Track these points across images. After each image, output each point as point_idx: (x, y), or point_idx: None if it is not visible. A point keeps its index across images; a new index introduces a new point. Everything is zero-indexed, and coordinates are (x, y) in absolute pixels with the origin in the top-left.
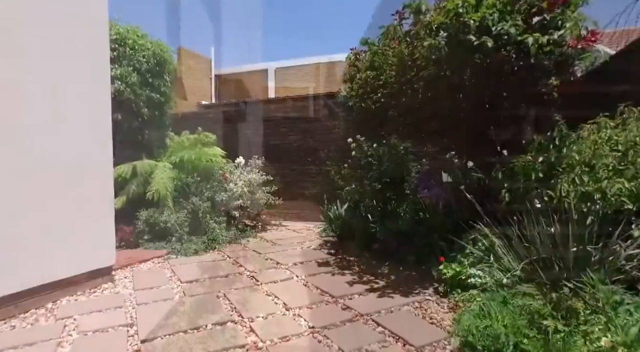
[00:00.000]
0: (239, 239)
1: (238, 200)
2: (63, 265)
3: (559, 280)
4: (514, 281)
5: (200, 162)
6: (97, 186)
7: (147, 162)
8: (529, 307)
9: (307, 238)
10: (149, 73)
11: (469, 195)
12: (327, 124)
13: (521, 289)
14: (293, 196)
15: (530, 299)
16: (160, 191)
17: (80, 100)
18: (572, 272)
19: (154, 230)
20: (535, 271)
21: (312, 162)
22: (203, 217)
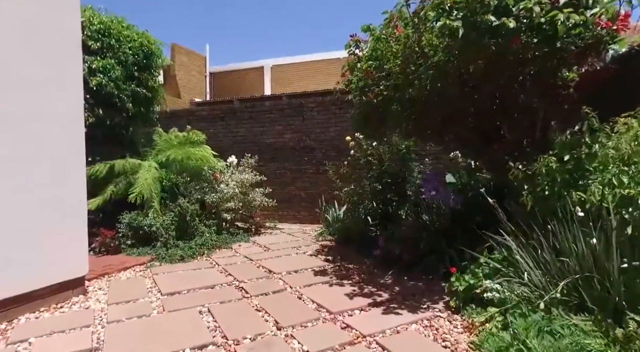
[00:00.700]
0: (230, 244)
1: (229, 202)
2: (22, 277)
3: (616, 307)
4: (549, 301)
5: (189, 162)
6: (65, 186)
7: (131, 161)
8: (584, 346)
9: (303, 243)
10: (135, 66)
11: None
12: (325, 122)
13: (557, 312)
14: (289, 196)
15: (581, 333)
16: (144, 193)
17: (44, 90)
18: (623, 296)
19: (138, 234)
20: (574, 291)
21: (308, 161)
22: (191, 220)
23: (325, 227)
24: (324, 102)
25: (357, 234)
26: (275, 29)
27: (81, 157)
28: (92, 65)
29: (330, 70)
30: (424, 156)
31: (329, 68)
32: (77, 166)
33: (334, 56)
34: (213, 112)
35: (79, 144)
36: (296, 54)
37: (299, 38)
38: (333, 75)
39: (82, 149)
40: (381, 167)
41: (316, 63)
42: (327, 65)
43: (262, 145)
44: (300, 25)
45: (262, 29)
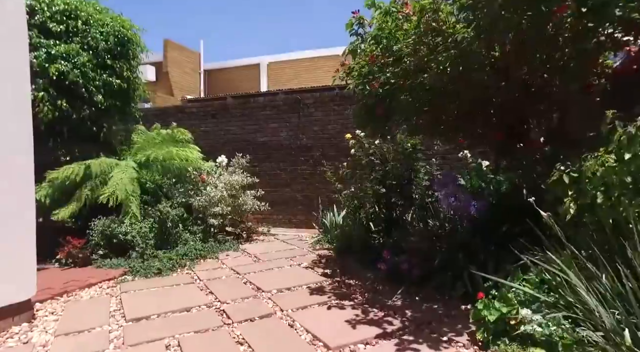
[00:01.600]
0: (217, 253)
1: (217, 206)
2: None
3: None
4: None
5: (173, 162)
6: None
7: (106, 161)
8: None
9: (298, 252)
10: (107, 54)
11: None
12: (323, 119)
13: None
14: (284, 199)
15: None
16: (118, 194)
17: None
18: None
19: (112, 243)
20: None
21: (305, 161)
22: (173, 226)
23: (323, 233)
24: (322, 98)
25: (358, 242)
26: (272, 24)
27: (25, 158)
28: (52, 51)
29: (330, 67)
30: (430, 156)
31: (327, 65)
32: (17, 168)
33: (333, 53)
34: (204, 108)
35: (21, 142)
36: (294, 51)
37: (297, 34)
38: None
39: (26, 148)
40: (385, 168)
41: (315, 60)
42: (326, 62)
43: (256, 144)
44: (297, 21)
45: (259, 25)
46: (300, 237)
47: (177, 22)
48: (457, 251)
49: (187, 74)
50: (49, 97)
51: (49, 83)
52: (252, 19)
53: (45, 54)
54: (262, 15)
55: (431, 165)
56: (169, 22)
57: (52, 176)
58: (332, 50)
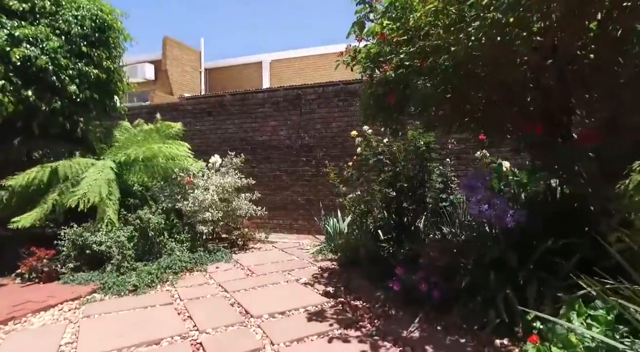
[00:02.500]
0: (206, 265)
1: (207, 211)
2: None
3: None
4: None
5: (157, 161)
6: None
7: (80, 161)
8: None
9: (298, 263)
10: (83, 40)
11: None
12: (326, 116)
13: None
14: (284, 202)
15: None
16: (90, 197)
17: None
18: None
19: (84, 254)
20: None
21: (307, 162)
22: (156, 235)
23: (326, 241)
24: (325, 94)
25: (365, 253)
26: (274, 21)
27: None
28: (15, 33)
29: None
30: (444, 156)
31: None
32: None
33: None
34: (199, 106)
35: None
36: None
37: (301, 31)
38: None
39: None
40: (395, 169)
41: (319, 57)
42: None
43: (255, 143)
44: (301, 18)
45: (261, 22)
46: (300, 245)
47: (177, 20)
48: (487, 269)
49: (187, 73)
50: (11, 86)
51: (13, 70)
52: (254, 16)
53: (6, 36)
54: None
55: (445, 166)
56: (169, 20)
57: (9, 182)
58: (337, 47)
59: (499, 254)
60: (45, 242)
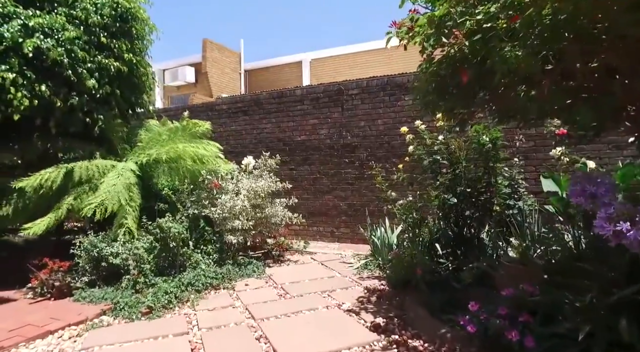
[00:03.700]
0: (235, 281)
1: (237, 219)
2: None
3: None
4: None
5: (183, 163)
6: None
7: (100, 163)
8: None
9: (339, 282)
10: (103, 31)
11: None
12: (370, 113)
13: None
14: (325, 208)
15: None
16: (107, 205)
17: None
18: None
19: (100, 267)
20: None
21: (350, 163)
22: (178, 246)
23: (371, 253)
24: (369, 88)
25: (421, 271)
26: (314, 19)
27: None
28: (29, 23)
29: (380, 61)
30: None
31: (377, 59)
32: None
33: (380, 46)
34: (235, 105)
35: None
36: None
37: (341, 29)
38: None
39: None
40: (454, 171)
41: (361, 54)
42: (375, 56)
43: (293, 143)
44: (342, 15)
45: (301, 22)
46: (342, 257)
47: (218, 21)
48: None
49: (227, 75)
50: (24, 80)
51: (25, 63)
52: (293, 16)
53: (20, 26)
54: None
55: (512, 167)
56: (209, 22)
57: (20, 184)
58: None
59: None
60: (66, 251)
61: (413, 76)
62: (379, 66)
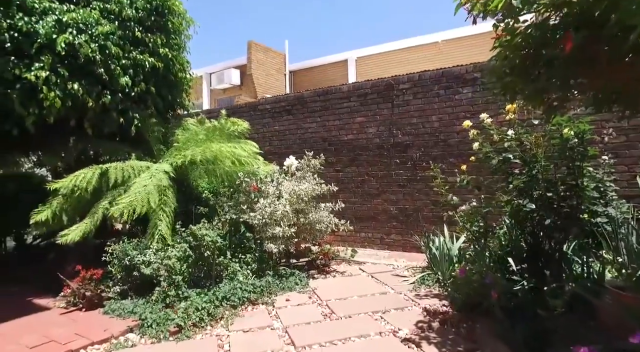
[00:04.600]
0: (274, 295)
1: (278, 225)
2: None
3: None
4: None
5: (220, 165)
6: None
7: (135, 164)
8: None
9: (393, 299)
10: (138, 25)
11: None
12: (424, 108)
13: None
14: (374, 212)
15: None
16: (137, 207)
17: None
18: None
19: (132, 276)
20: None
21: (401, 164)
22: (214, 255)
23: (429, 265)
24: (422, 81)
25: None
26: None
27: None
28: (63, 18)
29: (429, 57)
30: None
31: (426, 55)
32: None
33: (429, 40)
34: (279, 104)
35: None
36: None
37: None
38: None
39: None
40: (530, 172)
41: (410, 50)
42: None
43: (339, 143)
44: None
45: (345, 19)
46: (395, 268)
47: (262, 23)
48: None
49: (272, 76)
50: (57, 78)
51: (59, 61)
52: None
53: (54, 22)
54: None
55: (600, 167)
56: (254, 24)
57: (54, 186)
58: (428, 38)
59: None
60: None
61: (472, 67)
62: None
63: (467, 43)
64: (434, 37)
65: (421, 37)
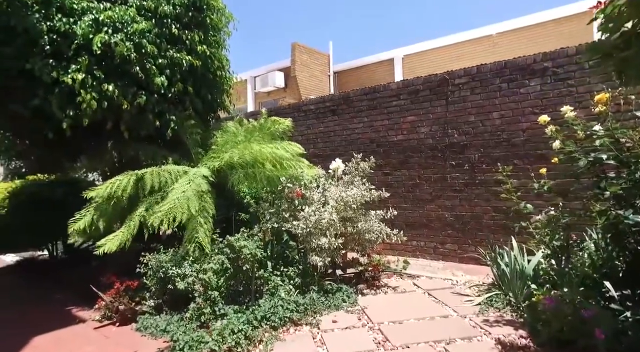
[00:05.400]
0: (319, 314)
1: (324, 236)
2: None
3: None
4: None
5: (261, 168)
6: None
7: (171, 169)
8: None
9: (457, 324)
10: (176, 22)
11: None
12: (483, 104)
13: None
14: (427, 220)
15: None
16: (177, 215)
17: None
18: None
19: (166, 289)
20: None
21: (457, 166)
22: (253, 269)
23: (496, 283)
24: (480, 74)
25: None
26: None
27: None
28: (100, 17)
29: (480, 52)
30: None
31: (477, 49)
32: None
33: (482, 34)
34: (323, 104)
35: None
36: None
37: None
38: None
39: None
40: (633, 175)
41: (459, 46)
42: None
43: (387, 144)
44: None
45: (391, 17)
46: (453, 283)
47: (306, 25)
48: None
49: (316, 77)
50: (93, 80)
51: (95, 62)
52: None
53: (90, 21)
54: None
55: None
56: (297, 27)
57: (90, 194)
58: (481, 31)
59: None
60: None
61: (541, 56)
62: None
63: (526, 35)
64: (487, 30)
65: (472, 31)
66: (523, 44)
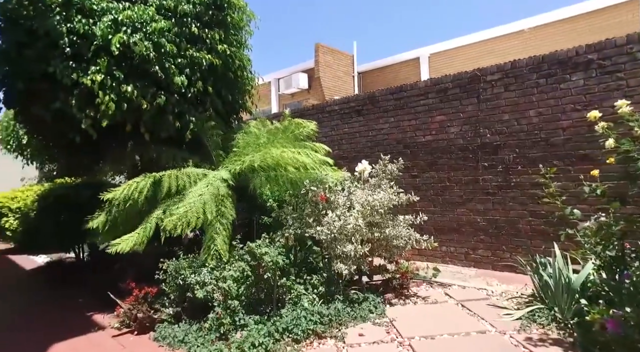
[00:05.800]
0: (344, 326)
1: (350, 242)
2: None
3: None
4: None
5: (283, 172)
6: None
7: (190, 172)
8: None
9: (497, 343)
10: (196, 21)
11: None
12: (518, 102)
13: None
14: (457, 224)
15: None
16: (190, 218)
17: None
18: None
19: (185, 297)
20: None
21: (490, 168)
22: (274, 277)
23: (538, 295)
24: (515, 70)
25: None
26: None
27: None
28: (119, 17)
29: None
30: None
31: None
32: None
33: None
34: (348, 104)
35: None
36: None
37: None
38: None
39: None
40: None
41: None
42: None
43: (415, 145)
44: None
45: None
46: (488, 294)
47: (330, 25)
48: None
49: (340, 78)
50: (112, 81)
51: (114, 62)
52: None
53: (109, 22)
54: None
55: None
56: (321, 28)
57: (108, 196)
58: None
59: None
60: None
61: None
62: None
63: (560, 29)
64: (518, 25)
65: (502, 27)
66: (559, 39)
